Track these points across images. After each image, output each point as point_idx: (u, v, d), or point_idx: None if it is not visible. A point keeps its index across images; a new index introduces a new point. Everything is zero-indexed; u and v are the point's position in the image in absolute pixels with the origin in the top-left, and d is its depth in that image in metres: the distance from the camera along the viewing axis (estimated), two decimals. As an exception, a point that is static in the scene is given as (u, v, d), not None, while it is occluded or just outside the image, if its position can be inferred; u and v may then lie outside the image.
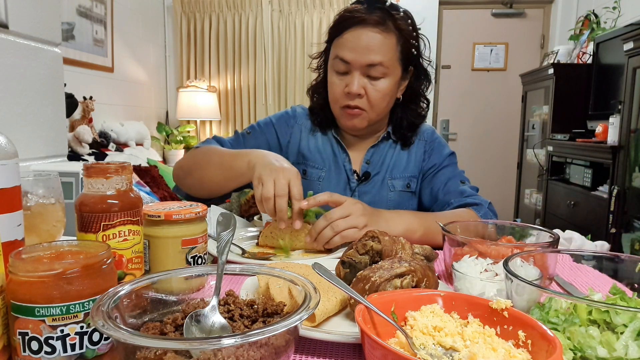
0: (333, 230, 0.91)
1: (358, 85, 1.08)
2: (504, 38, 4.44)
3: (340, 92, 1.12)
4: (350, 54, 1.08)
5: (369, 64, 1.07)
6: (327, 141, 1.25)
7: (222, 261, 0.53)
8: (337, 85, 1.12)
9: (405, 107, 1.22)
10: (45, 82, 1.23)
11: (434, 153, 1.24)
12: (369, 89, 1.10)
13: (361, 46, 1.06)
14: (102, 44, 3.43)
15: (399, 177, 1.22)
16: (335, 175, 1.22)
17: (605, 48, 3.10)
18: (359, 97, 1.10)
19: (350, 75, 1.09)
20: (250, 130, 1.26)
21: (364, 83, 1.09)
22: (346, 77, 1.11)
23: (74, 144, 2.89)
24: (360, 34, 1.07)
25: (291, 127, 1.26)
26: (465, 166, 1.38)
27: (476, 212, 1.10)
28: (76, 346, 0.45)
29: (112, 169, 0.60)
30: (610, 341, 0.45)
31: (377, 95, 1.10)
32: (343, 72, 1.11)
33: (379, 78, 1.09)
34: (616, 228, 2.46)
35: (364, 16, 1.07)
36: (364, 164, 1.23)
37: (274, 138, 1.25)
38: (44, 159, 1.25)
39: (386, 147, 1.24)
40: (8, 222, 0.48)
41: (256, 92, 4.41)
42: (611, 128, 2.61)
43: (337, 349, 0.55)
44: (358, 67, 1.08)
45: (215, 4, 4.34)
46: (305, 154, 1.24)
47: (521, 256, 0.61)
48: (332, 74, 1.14)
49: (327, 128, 1.25)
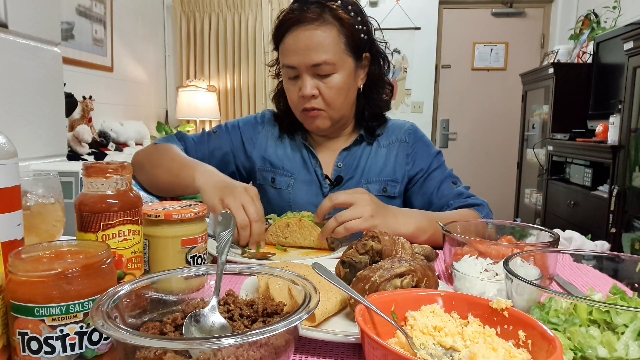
0: (337, 220, 0.89)
1: (310, 87, 1.06)
2: (504, 37, 4.44)
3: (296, 96, 1.10)
4: (293, 59, 1.06)
5: (314, 64, 1.05)
6: (295, 147, 1.22)
7: (221, 261, 0.53)
8: (292, 91, 1.11)
9: (366, 97, 1.17)
10: (45, 82, 1.23)
11: (418, 156, 1.19)
12: (322, 87, 1.07)
13: (301, 48, 1.04)
14: (102, 44, 3.43)
15: (375, 180, 1.17)
16: (305, 182, 1.19)
17: (605, 47, 3.10)
18: (314, 98, 1.08)
19: (301, 79, 1.07)
20: (216, 130, 1.24)
21: (316, 83, 1.07)
22: (298, 81, 1.09)
23: (73, 143, 2.89)
24: (298, 36, 1.05)
25: (257, 134, 1.24)
26: (465, 166, 1.38)
27: (479, 213, 1.09)
28: (76, 346, 0.44)
29: (112, 168, 0.59)
30: (610, 341, 0.45)
31: (331, 93, 1.08)
32: (294, 77, 1.09)
33: (328, 75, 1.06)
34: (616, 228, 2.46)
35: (298, 16, 1.04)
36: (335, 168, 1.18)
37: (239, 142, 1.23)
38: (44, 159, 1.25)
39: (359, 149, 1.20)
40: (7, 221, 0.48)
41: (256, 92, 4.40)
42: (611, 128, 2.61)
43: (337, 349, 0.55)
44: (304, 69, 1.06)
45: (215, 4, 4.33)
46: (273, 161, 1.21)
47: (521, 256, 0.61)
48: (286, 81, 1.12)
49: (294, 133, 1.22)
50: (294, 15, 1.05)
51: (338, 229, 0.90)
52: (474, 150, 4.59)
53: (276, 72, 1.21)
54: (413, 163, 1.19)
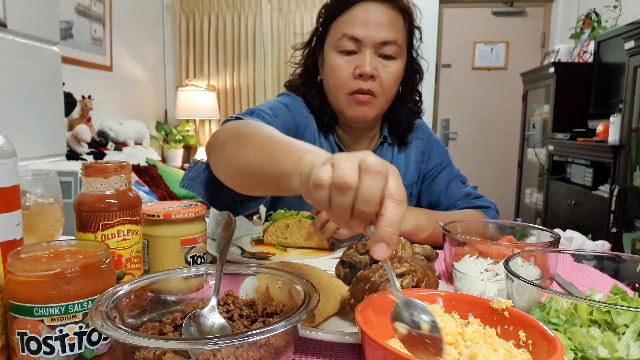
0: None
1: (371, 65, 0.97)
2: (504, 37, 4.43)
3: (348, 75, 0.99)
4: (361, 30, 0.97)
5: (383, 42, 0.97)
6: (328, 148, 1.12)
7: (221, 261, 0.53)
8: (344, 68, 0.99)
9: (404, 101, 1.12)
10: (44, 81, 1.23)
11: (433, 153, 1.17)
12: (381, 70, 0.99)
13: (373, 21, 0.97)
14: (101, 43, 3.43)
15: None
16: None
17: (606, 47, 3.09)
18: (372, 79, 0.99)
19: (361, 55, 0.98)
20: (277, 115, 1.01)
21: (376, 63, 0.98)
22: (355, 58, 0.99)
23: (72, 143, 2.89)
24: (370, 9, 0.98)
25: (306, 119, 1.09)
26: (465, 165, 1.38)
27: (485, 215, 1.07)
28: (75, 346, 0.44)
29: (111, 168, 0.59)
30: (611, 341, 0.45)
31: (390, 78, 1.00)
32: (350, 52, 0.99)
33: (391, 58, 0.99)
34: (617, 228, 2.46)
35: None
36: None
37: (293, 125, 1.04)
38: (43, 158, 1.25)
39: (383, 152, 1.15)
40: (6, 221, 0.48)
41: (255, 91, 4.40)
42: (612, 127, 2.61)
43: (337, 349, 0.55)
44: (370, 44, 0.97)
45: (215, 3, 4.33)
46: None
47: (522, 256, 0.61)
48: (337, 56, 1.00)
49: (328, 132, 1.12)
50: None
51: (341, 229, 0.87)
52: (475, 150, 4.59)
53: (304, 55, 1.10)
54: (428, 160, 1.17)
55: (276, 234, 0.98)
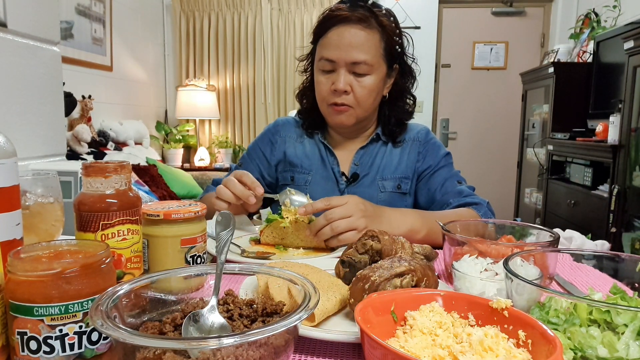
0: (332, 230, 0.91)
1: (344, 82, 1.10)
2: (504, 37, 4.44)
3: (327, 90, 1.14)
4: (334, 53, 1.10)
5: (354, 62, 1.09)
6: (314, 146, 1.26)
7: (221, 261, 0.53)
8: (324, 84, 1.14)
9: (392, 104, 1.23)
10: (44, 81, 1.23)
11: (428, 154, 1.23)
12: (355, 85, 1.11)
13: (345, 44, 1.08)
14: (101, 43, 3.43)
15: (390, 177, 1.22)
16: (322, 178, 1.23)
17: (605, 47, 3.09)
18: (345, 93, 1.12)
19: (336, 73, 1.11)
20: (241, 162, 1.31)
21: (350, 80, 1.11)
22: (332, 75, 1.12)
23: (72, 143, 2.89)
24: (343, 32, 1.09)
25: (275, 142, 1.29)
26: (465, 165, 1.39)
27: (477, 212, 1.10)
28: (75, 346, 0.44)
29: (111, 168, 0.59)
30: (611, 341, 0.45)
31: (363, 92, 1.12)
32: (329, 71, 1.13)
33: (364, 75, 1.11)
34: (616, 227, 2.46)
35: (346, 14, 1.09)
36: (352, 166, 1.23)
37: (262, 158, 1.28)
38: (43, 158, 1.25)
39: (376, 148, 1.24)
40: (7, 221, 0.48)
41: (255, 91, 4.40)
42: (611, 127, 2.61)
43: (336, 348, 0.55)
44: (343, 64, 1.10)
45: (215, 3, 4.33)
46: (292, 161, 1.26)
47: (521, 255, 0.61)
48: (319, 74, 1.16)
49: (314, 132, 1.27)
50: (342, 12, 1.09)
51: (332, 240, 0.92)
52: (474, 150, 4.59)
53: (305, 67, 1.26)
54: (423, 160, 1.23)
55: (272, 234, 0.99)
